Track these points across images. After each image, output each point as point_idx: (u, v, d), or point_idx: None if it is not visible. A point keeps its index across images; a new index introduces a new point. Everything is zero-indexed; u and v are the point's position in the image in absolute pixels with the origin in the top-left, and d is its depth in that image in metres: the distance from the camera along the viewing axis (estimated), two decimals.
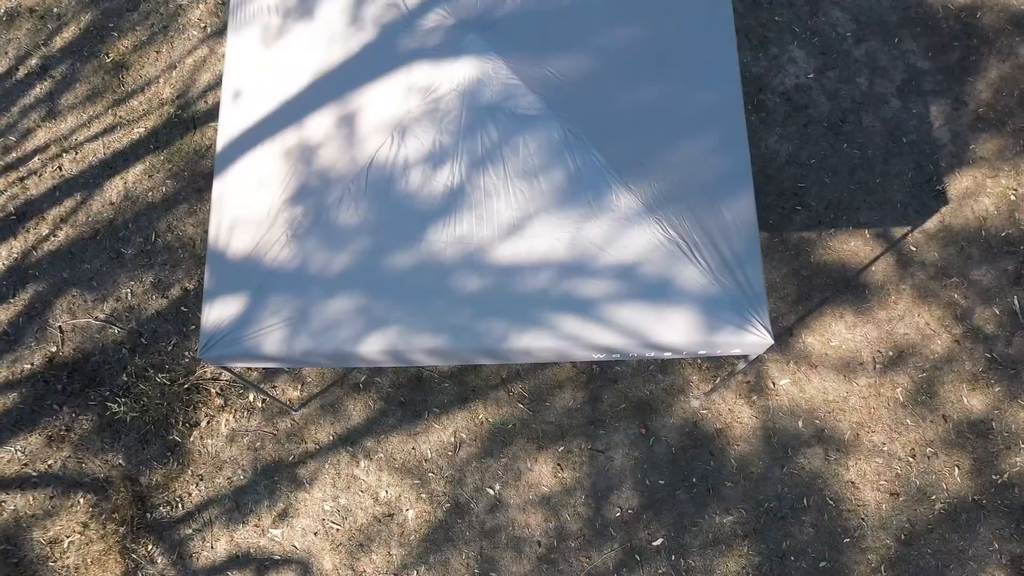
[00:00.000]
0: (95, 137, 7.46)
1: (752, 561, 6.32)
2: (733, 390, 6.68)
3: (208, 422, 6.74)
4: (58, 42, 7.70)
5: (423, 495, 6.52)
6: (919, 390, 6.64)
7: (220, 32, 7.70)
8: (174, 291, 7.05)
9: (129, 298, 7.05)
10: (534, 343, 4.73)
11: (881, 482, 6.45)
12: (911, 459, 6.49)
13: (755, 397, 6.65)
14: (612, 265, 4.74)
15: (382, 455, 6.61)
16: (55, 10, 7.76)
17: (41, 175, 7.36)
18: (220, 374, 6.83)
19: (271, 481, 6.59)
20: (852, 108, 7.28)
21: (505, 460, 6.57)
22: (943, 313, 6.80)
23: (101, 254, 7.15)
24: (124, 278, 7.09)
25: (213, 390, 6.80)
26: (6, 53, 7.65)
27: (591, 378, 6.74)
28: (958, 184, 7.08)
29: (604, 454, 6.57)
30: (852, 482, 6.46)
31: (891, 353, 6.71)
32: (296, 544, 6.46)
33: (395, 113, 4.83)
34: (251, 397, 6.78)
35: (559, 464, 6.56)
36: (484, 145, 4.76)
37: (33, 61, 7.64)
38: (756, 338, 4.72)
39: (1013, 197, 7.05)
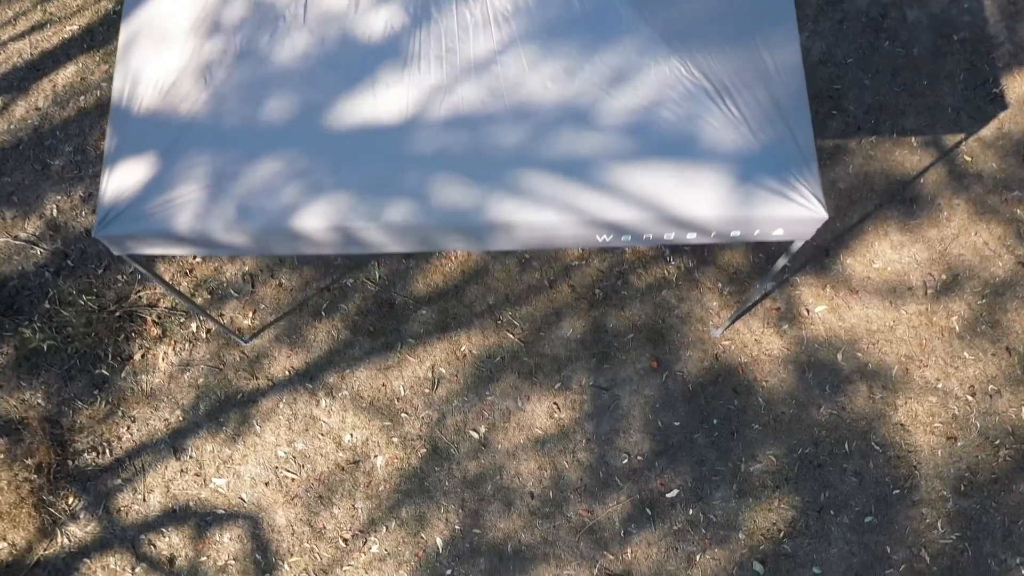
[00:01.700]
0: (21, 36, 6.59)
1: (784, 516, 5.40)
2: (760, 317, 5.80)
3: (143, 355, 5.78)
4: None
5: (395, 439, 5.60)
6: (978, 319, 5.81)
7: None
8: None
9: (55, 215, 6.10)
10: (517, 215, 3.74)
11: (935, 424, 5.61)
12: (970, 398, 5.66)
13: (786, 326, 5.77)
14: (620, 113, 3.76)
15: (347, 392, 5.68)
16: None
17: None
18: (158, 300, 5.85)
19: (215, 423, 5.66)
20: (894, 1, 6.55)
21: (492, 398, 5.68)
22: (1004, 231, 5.97)
23: (24, 165, 6.22)
24: (50, 192, 6.16)
25: (150, 318, 5.85)
26: None
27: (593, 304, 5.81)
28: (1018, 87, 6.34)
29: (608, 392, 5.69)
30: (902, 424, 5.61)
31: (944, 276, 5.88)
32: (244, 496, 5.52)
33: None
34: (194, 326, 5.83)
35: (555, 403, 5.65)
36: None
37: None
38: (805, 210, 3.73)
39: None
